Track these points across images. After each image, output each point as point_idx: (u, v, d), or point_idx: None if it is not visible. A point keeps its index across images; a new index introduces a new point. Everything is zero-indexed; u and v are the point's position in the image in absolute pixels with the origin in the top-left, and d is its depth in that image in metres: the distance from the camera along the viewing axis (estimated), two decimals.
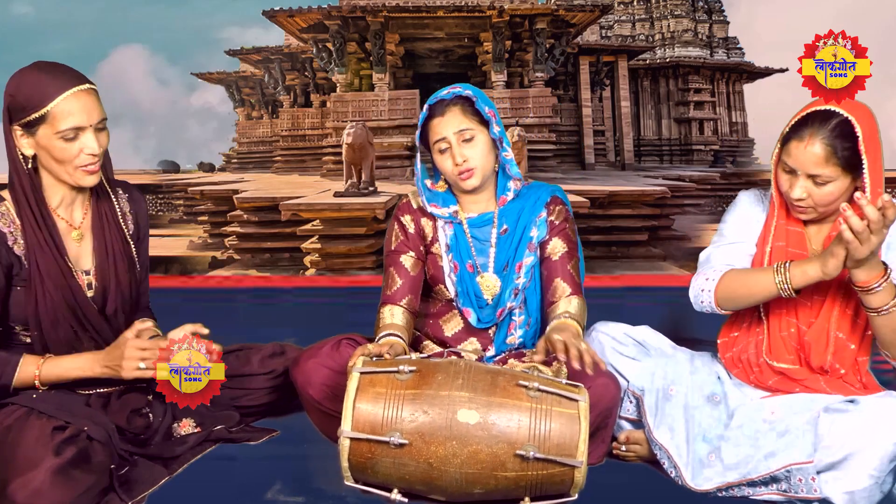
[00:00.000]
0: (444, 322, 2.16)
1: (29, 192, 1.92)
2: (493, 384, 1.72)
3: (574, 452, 1.67)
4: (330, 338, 2.09)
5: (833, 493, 1.76)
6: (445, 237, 2.13)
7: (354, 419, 1.68)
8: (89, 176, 1.92)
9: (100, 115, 1.90)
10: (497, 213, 2.13)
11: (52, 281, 1.92)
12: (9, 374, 1.89)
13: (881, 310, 1.80)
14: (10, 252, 1.91)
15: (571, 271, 2.11)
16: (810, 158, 1.86)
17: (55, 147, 1.87)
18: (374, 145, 9.84)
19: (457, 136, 2.03)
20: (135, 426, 2.00)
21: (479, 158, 2.05)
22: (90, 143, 1.88)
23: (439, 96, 2.06)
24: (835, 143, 1.84)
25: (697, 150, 12.69)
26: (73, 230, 1.99)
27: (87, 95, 1.89)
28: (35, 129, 1.87)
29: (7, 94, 1.89)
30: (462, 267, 2.11)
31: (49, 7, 6.83)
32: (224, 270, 9.64)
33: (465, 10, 11.30)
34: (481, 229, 2.13)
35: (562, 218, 2.14)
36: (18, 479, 1.67)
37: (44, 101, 1.85)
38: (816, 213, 1.94)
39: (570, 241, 2.14)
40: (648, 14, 12.70)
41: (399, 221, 2.16)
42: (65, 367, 1.92)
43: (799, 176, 1.89)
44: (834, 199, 1.89)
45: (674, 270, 7.85)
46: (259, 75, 14.11)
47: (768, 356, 1.99)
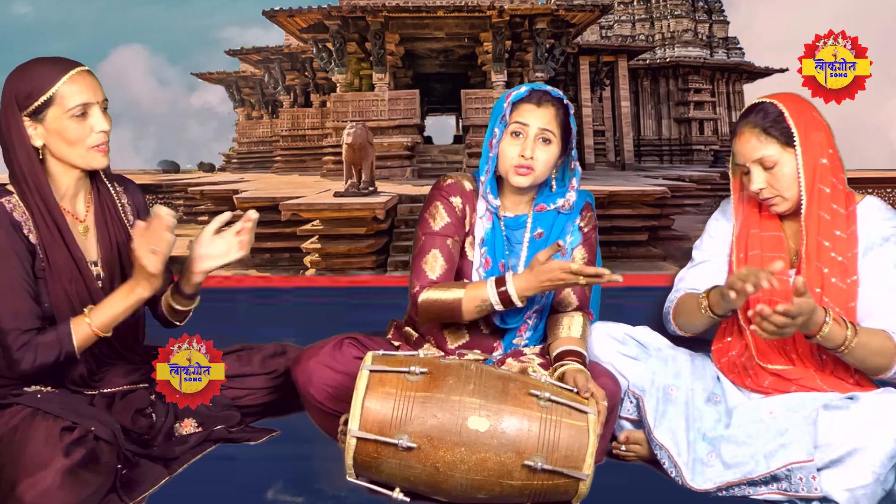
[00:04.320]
0: (449, 333, 2.12)
1: (40, 185, 1.91)
2: (504, 391, 1.71)
3: (581, 465, 1.67)
4: (331, 337, 2.09)
5: (834, 490, 1.76)
6: (482, 230, 2.08)
7: (363, 418, 1.67)
8: (101, 156, 1.95)
9: (102, 95, 1.95)
10: (532, 216, 2.10)
11: (66, 274, 1.93)
12: (68, 344, 1.87)
13: (839, 350, 1.83)
14: (28, 241, 1.91)
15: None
16: (748, 145, 1.95)
17: (67, 128, 1.89)
18: (374, 145, 9.83)
19: (538, 133, 2.00)
20: (139, 426, 2.00)
21: (543, 164, 2.01)
22: (99, 120, 1.92)
23: (544, 87, 2.03)
24: (762, 122, 1.94)
25: (697, 150, 12.67)
26: (80, 223, 2.01)
27: (90, 76, 1.94)
28: (44, 115, 1.89)
29: (10, 86, 1.91)
30: (494, 264, 2.07)
31: (49, 7, 6.83)
32: (224, 270, 9.63)
33: (465, 10, 11.28)
34: (515, 231, 2.10)
35: (590, 226, 2.13)
36: (27, 480, 1.67)
37: (49, 83, 1.88)
38: (787, 202, 1.96)
39: (591, 251, 2.12)
40: (648, 14, 12.71)
41: (447, 202, 2.07)
42: (110, 309, 1.90)
43: (751, 169, 1.94)
44: (791, 182, 1.94)
45: (674, 270, 7.83)
46: (259, 75, 14.09)
47: (759, 359, 2.00)
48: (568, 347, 1.96)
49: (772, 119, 1.95)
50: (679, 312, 2.10)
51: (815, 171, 1.93)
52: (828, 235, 1.93)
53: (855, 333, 1.82)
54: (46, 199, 1.92)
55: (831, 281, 1.92)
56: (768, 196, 1.97)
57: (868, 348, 1.84)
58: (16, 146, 1.90)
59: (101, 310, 1.90)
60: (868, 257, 1.93)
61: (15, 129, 1.90)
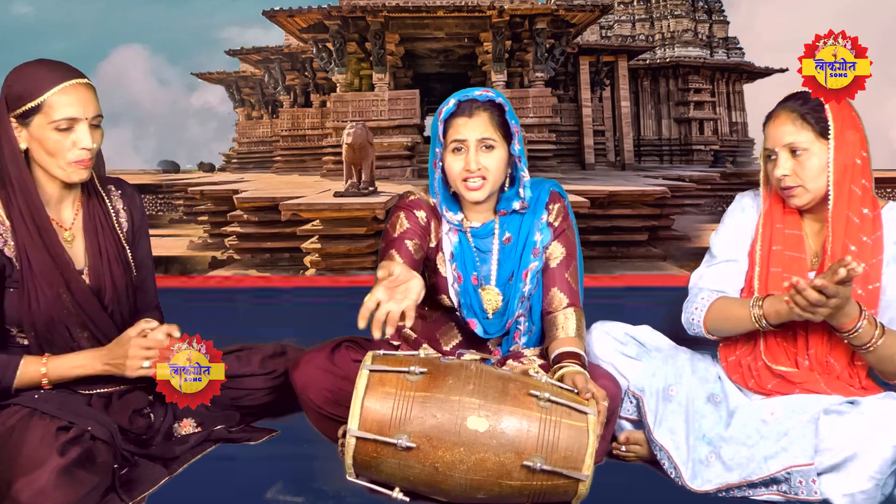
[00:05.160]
0: (442, 335, 2.12)
1: (25, 185, 1.89)
2: (504, 392, 1.71)
3: (580, 466, 1.67)
4: (329, 341, 2.08)
5: (833, 494, 1.76)
6: (450, 245, 2.06)
7: (362, 418, 1.67)
8: (81, 171, 1.90)
9: (95, 111, 1.90)
10: (498, 221, 2.07)
11: (46, 279, 1.90)
12: (9, 377, 1.88)
13: (864, 347, 1.83)
14: (1, 254, 1.89)
15: (569, 279, 2.07)
16: (782, 129, 1.93)
17: (48, 138, 1.86)
18: (374, 145, 9.83)
19: (478, 144, 1.96)
20: (136, 426, 2.00)
21: (493, 170, 1.97)
22: (84, 136, 1.87)
23: (471, 95, 1.98)
24: (801, 109, 1.92)
25: (697, 150, 12.67)
26: (64, 231, 1.98)
27: (85, 89, 1.90)
28: (30, 120, 1.86)
29: (5, 85, 1.90)
30: (466, 278, 2.05)
31: (49, 7, 6.83)
32: (224, 270, 9.63)
33: (465, 10, 11.28)
34: (484, 240, 2.07)
35: (560, 217, 2.09)
36: (23, 479, 1.67)
37: (40, 90, 1.85)
38: (809, 194, 1.94)
39: (568, 244, 2.09)
40: (648, 14, 12.71)
41: (411, 213, 2.04)
42: (67, 366, 1.92)
43: (779, 154, 1.91)
44: (817, 174, 1.91)
45: (674, 270, 7.84)
46: (259, 75, 14.09)
47: (767, 359, 1.99)
48: (565, 349, 1.95)
49: (811, 107, 1.93)
50: (716, 318, 2.02)
51: (847, 169, 1.91)
52: (855, 239, 1.91)
53: (882, 333, 1.82)
54: (31, 200, 1.90)
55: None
56: (790, 185, 1.94)
57: (892, 350, 1.83)
58: (3, 144, 1.89)
59: (58, 365, 1.91)
60: (892, 266, 1.91)
61: (3, 127, 1.88)
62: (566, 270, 2.06)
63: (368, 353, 1.77)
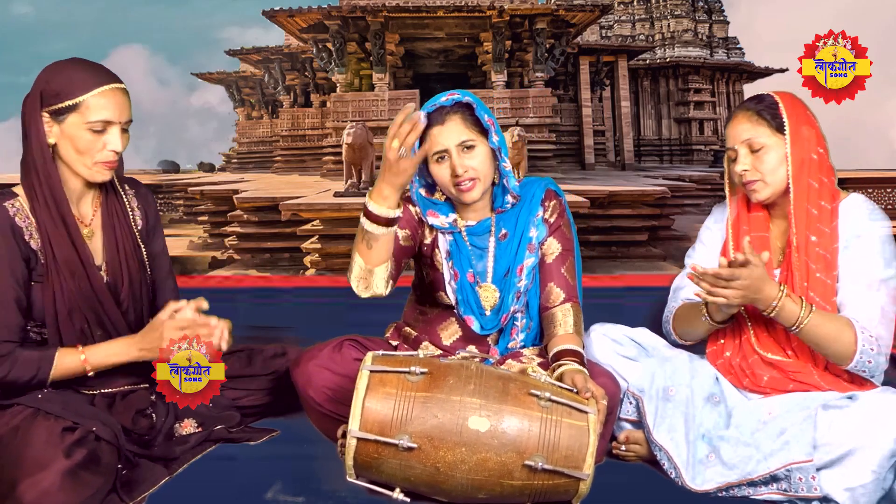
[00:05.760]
0: (442, 330, 2.12)
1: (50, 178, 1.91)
2: (505, 391, 1.71)
3: (581, 465, 1.67)
4: (331, 339, 2.08)
5: (834, 490, 1.76)
6: (446, 243, 2.07)
7: (363, 419, 1.67)
8: (105, 171, 1.94)
9: (128, 116, 1.95)
10: (494, 218, 2.08)
11: (69, 270, 1.93)
12: (45, 370, 1.89)
13: (793, 328, 1.88)
14: (28, 246, 1.91)
15: (566, 274, 2.07)
16: (740, 127, 2.00)
17: (81, 137, 1.89)
18: (374, 145, 9.84)
19: (458, 147, 1.96)
20: (139, 427, 2.00)
21: (480, 169, 1.97)
22: (115, 139, 1.92)
23: (438, 103, 1.98)
24: (756, 107, 2.00)
25: (697, 150, 12.70)
26: (84, 227, 2.00)
27: (121, 94, 1.94)
28: (64, 117, 1.89)
29: (42, 79, 1.92)
30: (462, 276, 2.06)
31: (49, 7, 6.86)
32: (224, 270, 9.65)
33: (465, 10, 11.30)
34: (480, 237, 2.08)
35: (556, 214, 2.09)
36: (28, 480, 1.66)
37: (80, 90, 1.89)
38: (768, 187, 1.99)
39: (564, 239, 2.09)
40: (648, 14, 12.71)
41: (406, 208, 2.04)
42: (104, 353, 1.94)
43: (738, 151, 1.99)
44: (775, 167, 1.98)
45: (674, 270, 7.85)
46: (259, 75, 14.12)
47: (759, 347, 2.01)
48: (564, 347, 1.94)
49: (765, 105, 2.00)
50: (679, 322, 2.12)
51: (804, 164, 1.96)
52: (815, 230, 1.96)
53: (809, 313, 1.86)
54: (55, 192, 1.92)
55: (816, 276, 1.94)
56: (751, 179, 1.99)
57: (823, 330, 1.86)
58: (31, 136, 1.91)
59: (97, 352, 1.93)
60: (845, 252, 1.96)
61: (33, 120, 1.91)
62: (562, 265, 2.07)
63: (368, 353, 1.77)
